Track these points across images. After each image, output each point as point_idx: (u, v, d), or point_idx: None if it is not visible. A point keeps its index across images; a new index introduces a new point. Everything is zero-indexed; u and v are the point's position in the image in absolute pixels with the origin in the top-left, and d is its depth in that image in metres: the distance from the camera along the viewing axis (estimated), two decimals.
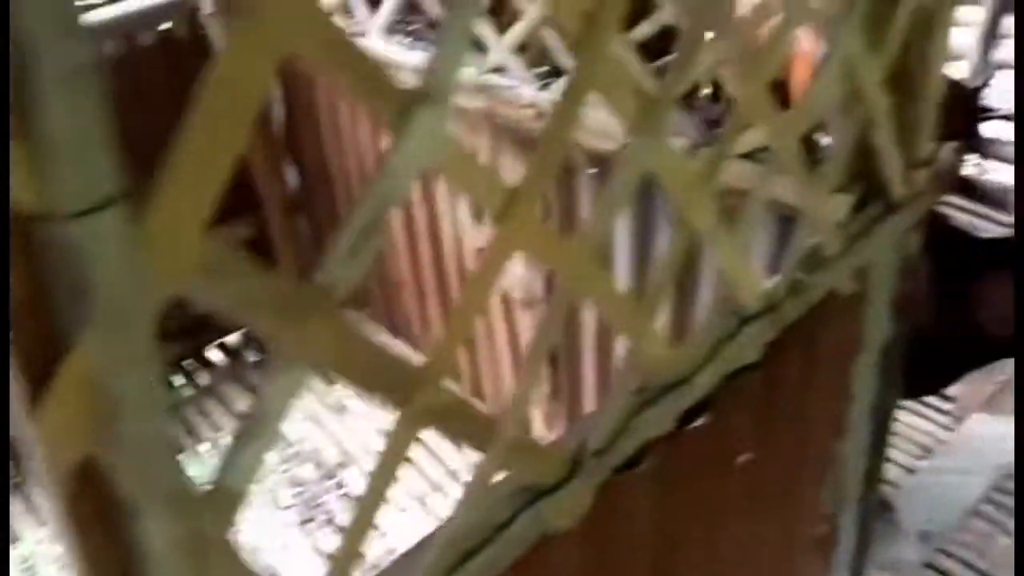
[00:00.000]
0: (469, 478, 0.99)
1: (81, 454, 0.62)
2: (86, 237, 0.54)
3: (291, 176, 3.95)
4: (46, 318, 0.59)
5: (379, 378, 0.80)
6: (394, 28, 2.83)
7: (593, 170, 2.36)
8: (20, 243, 0.56)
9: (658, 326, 1.12)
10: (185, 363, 4.05)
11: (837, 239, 1.44)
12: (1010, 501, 3.15)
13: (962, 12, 5.45)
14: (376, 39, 2.81)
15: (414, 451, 0.91)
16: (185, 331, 3.83)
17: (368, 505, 0.88)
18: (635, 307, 1.08)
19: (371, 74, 0.67)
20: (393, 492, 0.90)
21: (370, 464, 3.22)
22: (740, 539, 1.65)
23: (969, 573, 2.93)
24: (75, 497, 0.71)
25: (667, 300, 1.15)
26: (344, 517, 3.33)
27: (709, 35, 1.02)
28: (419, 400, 0.85)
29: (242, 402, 3.85)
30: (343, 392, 3.84)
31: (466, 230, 3.00)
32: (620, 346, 2.79)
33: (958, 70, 4.85)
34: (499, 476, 1.03)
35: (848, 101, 1.41)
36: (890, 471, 3.27)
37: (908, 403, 3.51)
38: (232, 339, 4.18)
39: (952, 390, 3.48)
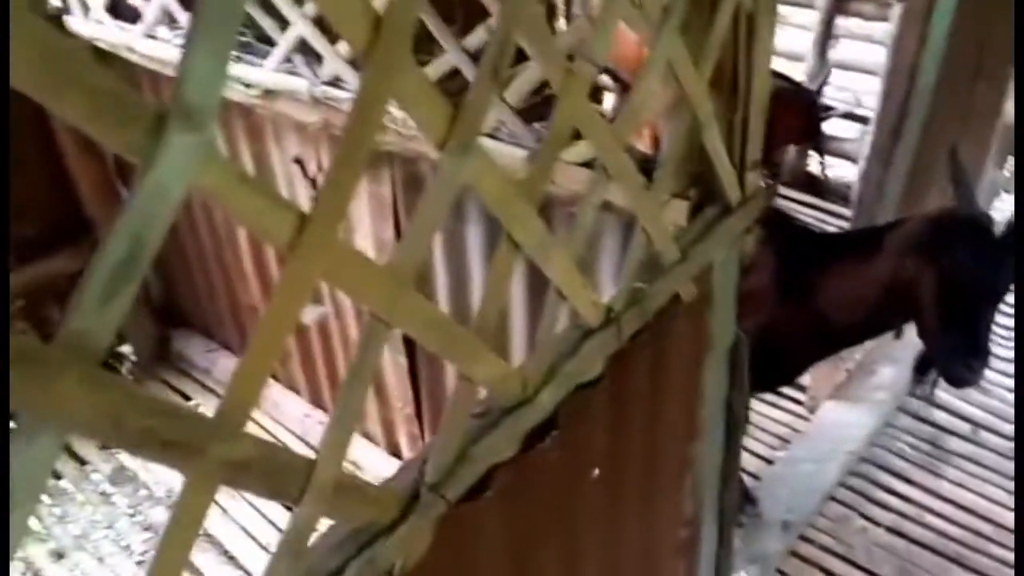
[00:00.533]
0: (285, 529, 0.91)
1: None
2: None
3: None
4: None
5: (158, 436, 0.71)
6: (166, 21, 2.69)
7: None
8: None
9: (487, 348, 1.06)
10: None
11: (674, 246, 1.43)
12: (863, 484, 3.28)
13: (796, 14, 5.72)
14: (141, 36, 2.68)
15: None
16: None
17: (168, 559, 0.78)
18: (460, 331, 1.02)
19: (107, 94, 0.58)
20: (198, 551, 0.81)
21: (231, 505, 3.05)
22: (601, 553, 1.62)
23: (828, 556, 3.03)
24: None
25: (495, 320, 1.09)
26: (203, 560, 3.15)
27: (522, 41, 0.98)
28: (214, 453, 0.76)
29: (79, 443, 3.58)
30: None
31: None
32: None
33: (796, 71, 5.07)
34: (322, 524, 0.95)
35: (676, 106, 1.40)
36: (750, 463, 3.36)
37: (765, 396, 3.61)
38: None
39: (804, 380, 3.60)
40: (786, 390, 3.66)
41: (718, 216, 1.56)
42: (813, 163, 5.16)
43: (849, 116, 4.98)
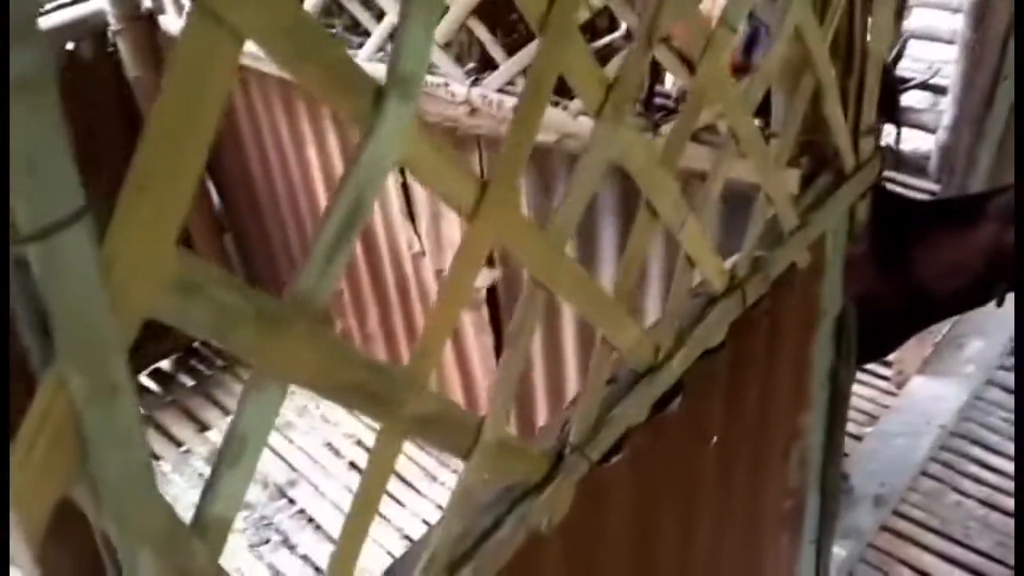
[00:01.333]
0: (453, 483, 0.96)
1: (55, 499, 0.56)
2: (49, 258, 0.48)
3: (214, 196, 3.85)
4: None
5: (362, 390, 0.76)
6: None
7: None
8: None
9: (627, 314, 1.10)
10: None
11: (794, 214, 1.44)
12: (955, 459, 3.24)
13: None
14: None
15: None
16: None
17: (356, 524, 0.84)
18: (606, 297, 1.05)
19: (339, 65, 0.63)
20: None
21: (320, 480, 3.18)
22: (714, 520, 1.65)
23: (921, 531, 3.01)
24: (54, 555, 0.65)
25: (633, 287, 1.12)
26: (298, 536, 3.25)
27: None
28: (408, 406, 0.81)
29: (177, 428, 3.72)
30: (288, 407, 3.75)
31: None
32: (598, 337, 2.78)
33: None
34: (482, 479, 1.00)
35: (795, 72, 1.42)
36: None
37: (861, 376, 3.59)
38: (165, 364, 4.05)
39: (890, 356, 3.56)
40: (872, 366, 3.63)
41: (832, 183, 1.57)
42: (890, 137, 5.07)
43: (923, 86, 4.88)
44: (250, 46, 0.56)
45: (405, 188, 2.82)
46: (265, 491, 3.41)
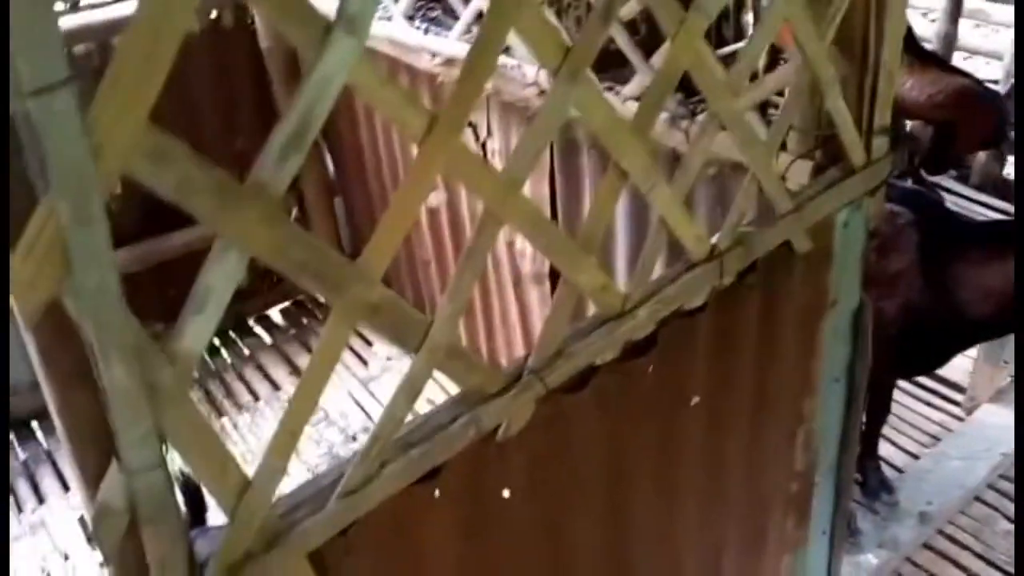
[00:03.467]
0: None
1: (47, 297, 0.78)
2: (42, 113, 0.69)
3: (328, 163, 4.17)
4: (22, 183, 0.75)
5: (313, 269, 0.95)
6: (415, 14, 3.00)
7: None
8: None
9: (589, 258, 1.25)
10: (229, 332, 4.30)
11: (786, 197, 1.55)
12: (1011, 488, 3.18)
13: (999, 11, 5.44)
14: (398, 24, 2.98)
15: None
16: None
17: (303, 396, 1.03)
18: (563, 236, 1.21)
19: (296, 3, 0.82)
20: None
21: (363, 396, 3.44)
22: (704, 486, 1.76)
23: (965, 554, 2.98)
24: (52, 349, 0.87)
25: (599, 237, 1.27)
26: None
27: None
28: (353, 291, 0.99)
29: (278, 370, 4.06)
30: (375, 369, 4.04)
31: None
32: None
33: (996, 70, 4.85)
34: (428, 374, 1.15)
35: (802, 71, 1.52)
36: (897, 457, 3.33)
37: (919, 393, 3.56)
38: (274, 312, 4.43)
39: (964, 381, 3.52)
40: (943, 390, 3.58)
41: (840, 177, 1.66)
42: (1006, 166, 4.92)
43: None
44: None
45: None
46: (342, 434, 3.70)
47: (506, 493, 1.37)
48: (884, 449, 3.26)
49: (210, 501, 3.12)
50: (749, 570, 2.02)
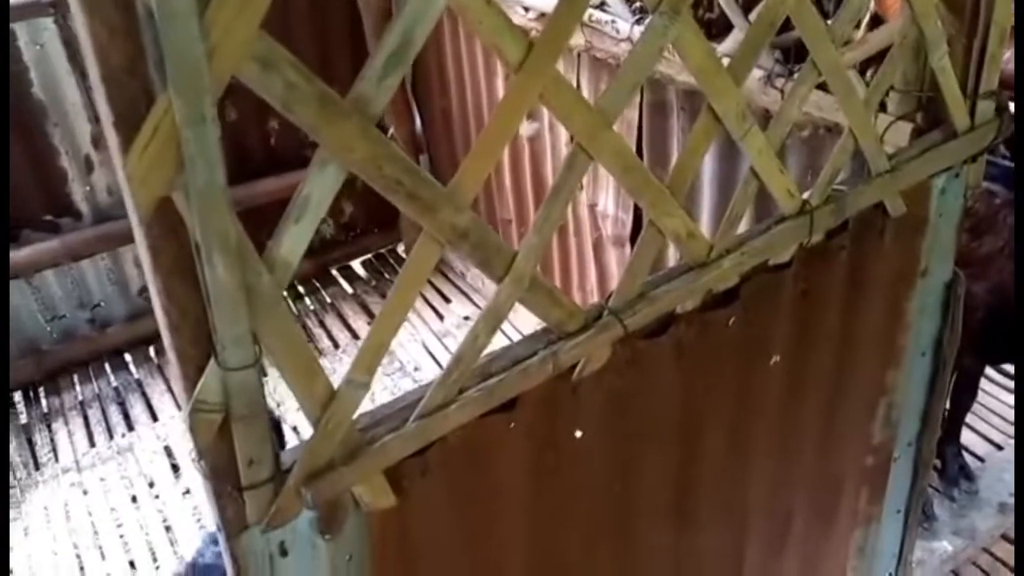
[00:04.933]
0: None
1: (159, 194, 0.82)
2: (163, 10, 0.73)
3: (417, 120, 4.23)
4: (141, 80, 0.79)
5: (407, 188, 0.97)
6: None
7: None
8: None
9: (676, 203, 1.24)
10: (313, 280, 4.43)
11: (883, 156, 1.51)
12: None
13: None
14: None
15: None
16: (313, 250, 4.20)
17: (390, 312, 1.06)
18: (651, 178, 1.21)
19: None
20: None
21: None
22: (776, 447, 1.74)
23: None
24: (160, 245, 0.92)
25: (687, 182, 1.27)
26: None
27: None
28: (443, 215, 1.02)
29: (358, 320, 4.17)
30: (450, 325, 4.11)
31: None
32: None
33: None
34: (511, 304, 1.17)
35: (908, 27, 1.48)
36: (979, 446, 3.24)
37: (1007, 383, 3.44)
38: (356, 264, 4.53)
39: None
40: None
41: (940, 140, 1.61)
42: None
43: None
44: None
45: None
46: (415, 384, 3.78)
47: (578, 434, 1.38)
48: (967, 437, 3.17)
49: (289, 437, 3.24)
50: (818, 540, 2.00)
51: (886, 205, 1.58)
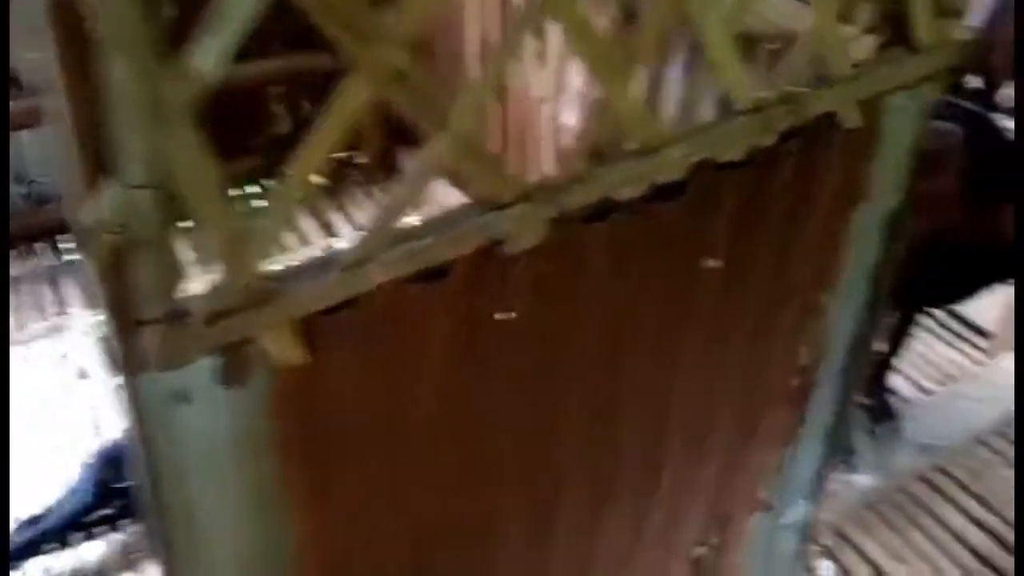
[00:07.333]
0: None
1: None
2: None
3: None
4: None
5: (342, 14, 0.91)
6: None
7: None
8: None
9: (629, 71, 1.19)
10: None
11: (846, 60, 1.47)
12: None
13: None
14: None
15: None
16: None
17: (308, 157, 1.00)
18: (609, 45, 1.15)
19: None
20: None
21: None
22: (703, 349, 1.73)
23: (961, 494, 2.96)
24: (66, 43, 0.85)
25: (648, 56, 1.22)
26: None
27: None
28: (381, 52, 0.95)
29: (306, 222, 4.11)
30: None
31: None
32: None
33: None
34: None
35: None
36: (909, 391, 3.30)
37: (943, 334, 3.50)
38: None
39: (992, 327, 3.45)
40: (967, 333, 3.52)
41: (901, 55, 1.58)
42: None
43: None
44: None
45: None
46: None
47: (505, 315, 1.35)
48: (897, 381, 3.23)
49: None
50: (737, 453, 2.01)
51: (841, 117, 1.54)
